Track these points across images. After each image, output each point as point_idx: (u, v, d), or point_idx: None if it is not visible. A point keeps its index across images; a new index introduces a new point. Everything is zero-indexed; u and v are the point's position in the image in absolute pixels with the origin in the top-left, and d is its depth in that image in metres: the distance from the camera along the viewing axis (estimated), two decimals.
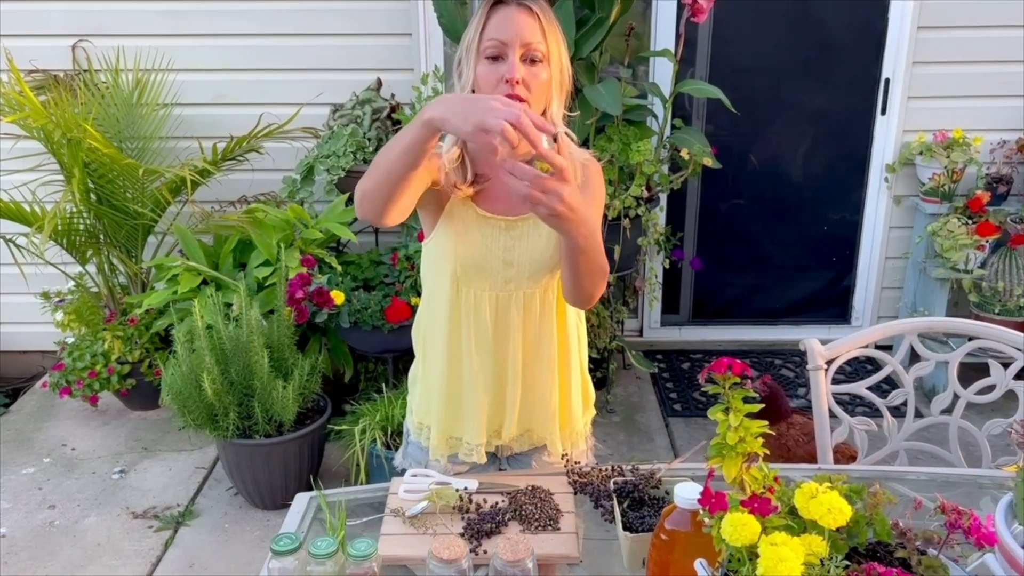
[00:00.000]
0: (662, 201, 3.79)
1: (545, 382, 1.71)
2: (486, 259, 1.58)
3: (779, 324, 4.22)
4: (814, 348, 1.93)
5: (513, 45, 1.47)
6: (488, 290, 1.60)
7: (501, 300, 1.61)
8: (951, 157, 3.59)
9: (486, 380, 1.68)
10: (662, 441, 3.42)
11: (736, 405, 1.12)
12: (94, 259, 3.49)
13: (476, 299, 1.61)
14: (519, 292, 1.61)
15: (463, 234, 1.58)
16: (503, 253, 1.58)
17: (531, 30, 1.47)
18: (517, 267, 1.59)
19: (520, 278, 1.60)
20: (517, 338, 1.64)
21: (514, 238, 1.58)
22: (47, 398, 3.67)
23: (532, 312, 1.63)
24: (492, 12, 1.48)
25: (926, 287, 3.77)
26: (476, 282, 1.60)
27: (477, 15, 1.52)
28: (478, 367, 1.66)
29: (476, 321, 1.63)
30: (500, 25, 1.47)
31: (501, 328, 1.63)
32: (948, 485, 1.73)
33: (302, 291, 2.93)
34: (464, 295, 1.61)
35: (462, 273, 1.60)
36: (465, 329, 1.64)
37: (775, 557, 0.98)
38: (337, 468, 3.11)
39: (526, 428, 1.76)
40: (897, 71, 3.77)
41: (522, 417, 1.73)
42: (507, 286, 1.61)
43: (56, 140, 3.13)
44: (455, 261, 1.59)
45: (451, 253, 1.58)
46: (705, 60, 3.84)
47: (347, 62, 3.59)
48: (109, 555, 2.78)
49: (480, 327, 1.63)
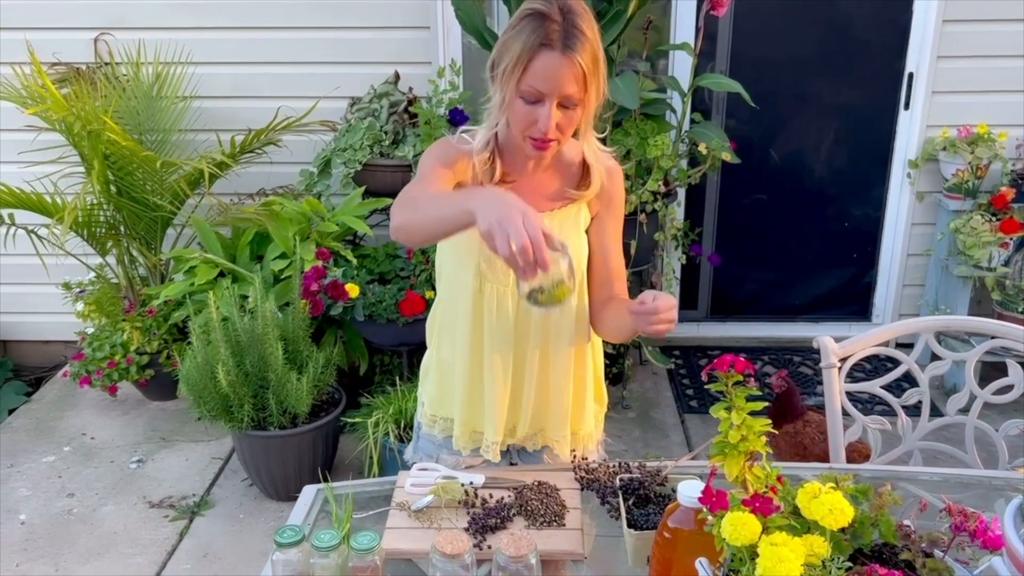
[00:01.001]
0: (680, 196, 3.76)
1: (560, 383, 1.72)
2: None
3: (798, 321, 4.19)
4: (827, 346, 1.91)
5: (552, 96, 1.45)
6: (511, 287, 1.61)
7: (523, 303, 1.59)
8: (975, 153, 3.53)
9: (505, 376, 1.68)
10: (677, 437, 3.40)
11: (739, 403, 1.11)
12: (114, 250, 3.52)
13: (500, 295, 1.62)
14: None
15: None
16: None
17: (573, 82, 1.43)
18: None
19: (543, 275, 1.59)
20: (537, 336, 1.66)
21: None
22: (68, 387, 3.71)
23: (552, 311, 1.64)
24: (537, 53, 1.42)
25: (948, 285, 3.71)
26: (500, 278, 1.61)
27: (518, 37, 1.43)
28: (499, 364, 1.67)
29: (499, 317, 1.63)
30: (543, 75, 1.42)
31: (522, 325, 1.65)
32: (962, 486, 1.70)
33: (317, 284, 2.94)
34: (487, 291, 1.62)
35: (487, 268, 1.60)
36: (487, 325, 1.64)
37: (775, 557, 0.97)
38: (351, 460, 3.12)
39: (539, 428, 1.77)
40: (921, 65, 3.72)
41: (536, 417, 1.75)
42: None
43: (76, 132, 3.16)
44: (480, 255, 1.59)
45: (476, 248, 1.58)
46: (725, 54, 3.81)
47: (365, 55, 3.60)
48: (125, 544, 2.81)
49: (502, 323, 1.64)
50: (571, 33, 1.41)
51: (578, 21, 1.43)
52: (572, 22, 1.42)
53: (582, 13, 1.45)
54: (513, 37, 1.44)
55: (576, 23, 1.42)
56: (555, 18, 1.41)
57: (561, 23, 1.41)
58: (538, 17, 1.42)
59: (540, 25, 1.42)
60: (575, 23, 1.42)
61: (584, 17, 1.45)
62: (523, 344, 1.67)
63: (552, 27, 1.41)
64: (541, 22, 1.42)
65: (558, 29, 1.41)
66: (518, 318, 1.64)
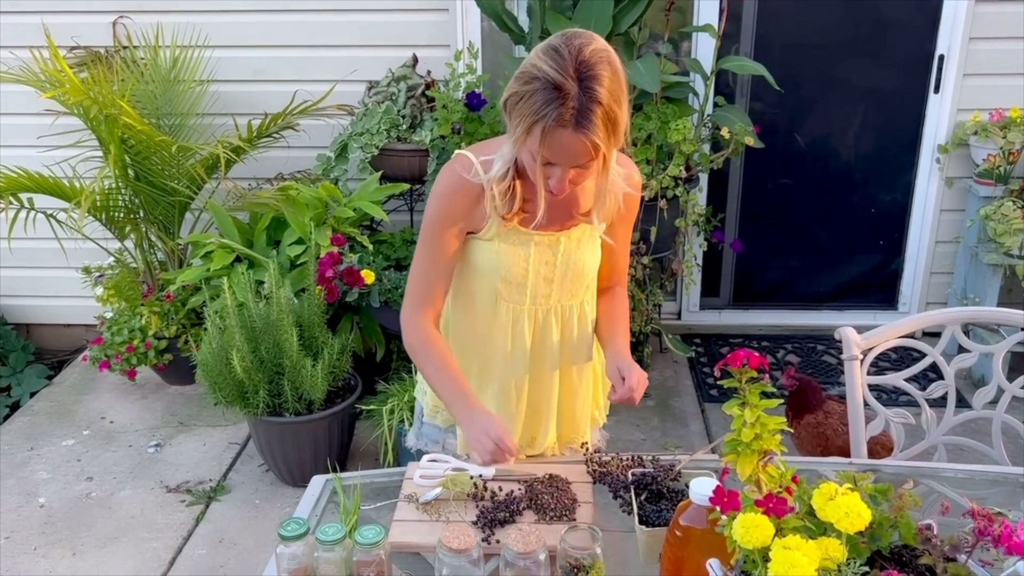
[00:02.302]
0: (702, 181, 3.70)
1: (583, 393, 1.77)
2: (526, 275, 1.59)
3: (823, 309, 4.11)
4: (849, 337, 1.86)
5: (566, 165, 1.41)
6: (527, 307, 1.63)
7: (540, 316, 1.65)
8: (1007, 137, 3.43)
9: (519, 396, 1.71)
10: (697, 427, 3.36)
11: (752, 400, 1.06)
12: (132, 235, 3.52)
13: (516, 315, 1.64)
14: (558, 306, 1.65)
15: (505, 253, 1.58)
16: (544, 270, 1.60)
17: (586, 154, 1.38)
18: (558, 282, 1.62)
19: (560, 293, 1.64)
20: (556, 352, 1.68)
21: (554, 253, 1.60)
22: (88, 371, 3.73)
23: (569, 327, 1.68)
24: (549, 130, 1.35)
25: (977, 273, 3.62)
26: (517, 298, 1.62)
27: (530, 103, 1.35)
28: (513, 385, 1.69)
29: (515, 335, 1.65)
30: (556, 149, 1.37)
31: (538, 343, 1.67)
32: (988, 483, 1.65)
33: (332, 270, 2.92)
34: (503, 311, 1.64)
35: (504, 289, 1.61)
36: (501, 343, 1.66)
37: (787, 562, 0.93)
38: (367, 447, 3.11)
39: (562, 435, 1.79)
40: (952, 47, 3.61)
41: (560, 427, 1.78)
42: (547, 302, 1.63)
43: (93, 116, 3.16)
44: (497, 277, 1.60)
45: (493, 270, 1.59)
46: (750, 36, 3.72)
47: (383, 38, 3.56)
48: (142, 528, 2.82)
49: (518, 341, 1.66)
50: (585, 109, 1.33)
51: (594, 88, 1.33)
52: (588, 91, 1.32)
53: (597, 66, 1.34)
54: (526, 101, 1.35)
55: (592, 92, 1.33)
56: (569, 91, 1.32)
57: (576, 96, 1.32)
58: (552, 90, 1.33)
59: (554, 100, 1.32)
60: (591, 91, 1.33)
61: (600, 74, 1.34)
62: (540, 361, 1.69)
63: (566, 105, 1.32)
64: (555, 97, 1.32)
65: (573, 107, 1.33)
66: (535, 337, 1.66)
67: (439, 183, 1.56)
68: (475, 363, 1.70)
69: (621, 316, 1.74)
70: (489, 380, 1.71)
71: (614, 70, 1.36)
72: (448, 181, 1.55)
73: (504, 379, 1.69)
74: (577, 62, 1.33)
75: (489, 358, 1.69)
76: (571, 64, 1.33)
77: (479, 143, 1.62)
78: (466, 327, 1.69)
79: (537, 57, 1.36)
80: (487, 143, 1.59)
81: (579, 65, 1.33)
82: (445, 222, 1.56)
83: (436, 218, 1.57)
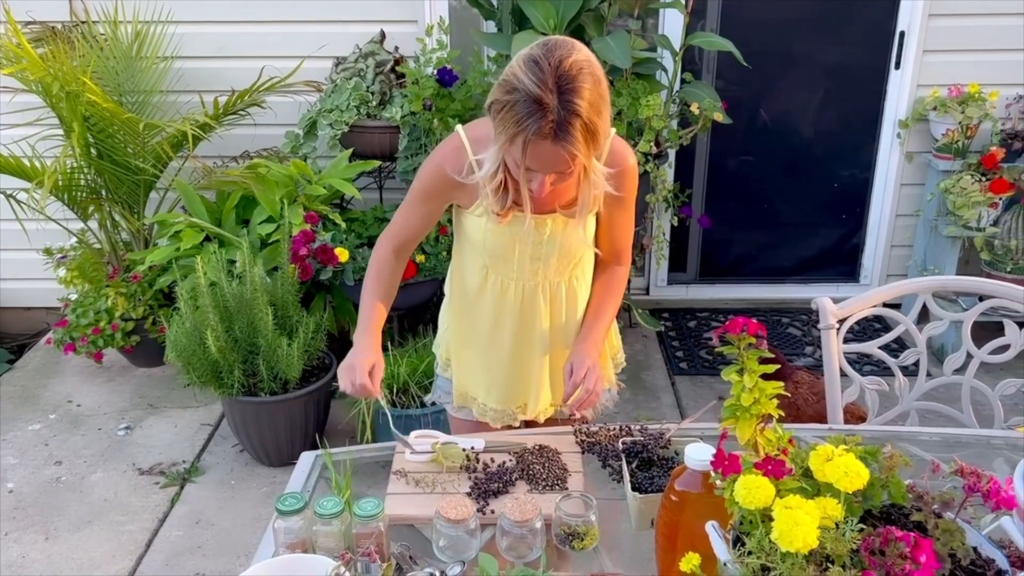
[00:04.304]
0: (671, 157, 3.73)
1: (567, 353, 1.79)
2: (512, 252, 1.65)
3: (787, 282, 4.19)
4: (826, 307, 1.90)
5: (546, 172, 1.45)
6: (515, 280, 1.69)
7: (527, 290, 1.70)
8: (966, 112, 3.52)
9: (504, 357, 1.76)
10: (668, 399, 3.41)
11: (751, 366, 1.09)
12: (96, 215, 3.45)
13: (503, 285, 1.70)
14: (545, 282, 1.70)
15: (491, 231, 1.63)
16: (531, 249, 1.65)
17: (567, 162, 1.42)
18: (544, 261, 1.67)
19: (547, 270, 1.68)
20: (544, 324, 1.74)
21: (541, 235, 1.63)
22: (52, 355, 3.66)
23: (558, 301, 1.73)
24: (530, 142, 1.39)
25: (937, 245, 3.72)
26: (504, 271, 1.68)
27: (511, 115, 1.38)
28: (505, 345, 1.75)
29: (503, 304, 1.72)
30: (537, 158, 1.42)
31: (527, 313, 1.72)
32: (960, 445, 1.71)
33: (306, 248, 2.90)
34: (492, 280, 1.70)
35: (491, 262, 1.68)
36: (492, 309, 1.73)
37: (790, 521, 0.96)
38: (343, 426, 3.10)
39: (556, 401, 1.83)
40: (913, 24, 3.68)
41: (554, 394, 1.82)
42: (534, 277, 1.69)
43: (55, 93, 3.08)
44: (484, 251, 1.67)
45: (480, 244, 1.66)
46: (716, 12, 3.75)
47: (350, 14, 3.51)
48: (116, 511, 2.79)
49: (506, 309, 1.72)
50: (564, 122, 1.36)
51: (573, 101, 1.36)
52: (567, 104, 1.36)
53: (577, 78, 1.37)
54: (508, 111, 1.38)
55: (571, 105, 1.36)
56: (549, 104, 1.35)
57: (556, 110, 1.35)
58: (532, 104, 1.36)
59: (534, 113, 1.36)
60: (570, 105, 1.36)
61: (579, 86, 1.37)
62: (529, 331, 1.74)
63: (546, 119, 1.36)
64: (535, 110, 1.36)
65: (552, 120, 1.36)
66: (523, 308, 1.72)
67: (432, 161, 1.62)
68: (465, 322, 1.78)
69: (611, 299, 1.77)
70: (475, 342, 1.78)
71: (594, 80, 1.39)
72: (433, 171, 1.61)
73: (489, 345, 1.76)
74: (557, 75, 1.36)
75: (477, 320, 1.76)
76: (551, 77, 1.36)
77: (475, 124, 1.62)
78: (460, 288, 1.77)
79: (519, 67, 1.39)
80: (482, 125, 1.57)
81: (559, 78, 1.36)
82: (427, 195, 1.65)
83: (420, 189, 1.66)
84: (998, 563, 1.04)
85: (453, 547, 1.35)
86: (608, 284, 1.77)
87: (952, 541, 1.04)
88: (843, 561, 0.98)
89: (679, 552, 1.21)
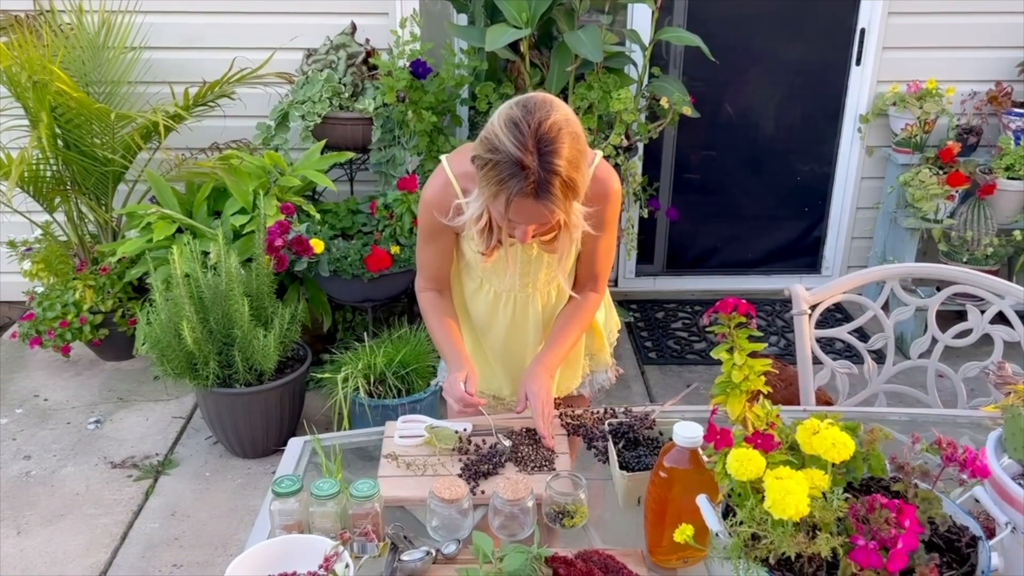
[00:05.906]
0: (640, 150, 3.79)
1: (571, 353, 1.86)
2: (503, 273, 1.74)
3: (751, 274, 4.28)
4: (799, 294, 1.96)
5: (528, 225, 1.52)
6: (507, 290, 1.78)
7: (519, 299, 1.79)
8: (924, 108, 3.62)
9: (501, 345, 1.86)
10: (638, 388, 3.47)
11: (741, 344, 1.14)
12: (62, 207, 3.41)
13: (496, 295, 1.79)
14: (535, 293, 1.79)
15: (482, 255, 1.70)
16: (520, 268, 1.73)
17: (545, 218, 1.49)
18: (533, 276, 1.76)
19: (536, 282, 1.77)
20: (538, 325, 1.82)
21: (529, 257, 1.71)
22: (17, 348, 3.60)
23: (548, 303, 1.82)
24: (513, 200, 1.44)
25: (896, 237, 3.83)
26: (497, 283, 1.77)
27: (494, 175, 1.43)
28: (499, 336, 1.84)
29: (495, 306, 1.81)
30: (519, 213, 1.47)
31: (520, 314, 1.81)
32: (928, 425, 1.78)
33: (281, 239, 2.90)
34: (486, 289, 1.80)
35: (484, 275, 1.77)
36: (487, 309, 1.82)
37: (782, 490, 1.01)
38: (319, 417, 3.11)
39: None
40: (873, 21, 3.78)
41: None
42: (524, 289, 1.78)
43: (21, 83, 3.03)
44: (481, 271, 1.76)
45: (474, 263, 1.75)
46: (683, 8, 3.82)
47: (321, 6, 3.51)
48: (89, 504, 2.77)
49: (499, 309, 1.81)
50: (544, 182, 1.41)
51: (553, 161, 1.40)
52: (546, 165, 1.40)
53: (556, 140, 1.41)
54: (491, 169, 1.43)
55: (550, 165, 1.40)
56: (530, 166, 1.40)
57: (536, 171, 1.40)
58: (514, 165, 1.40)
59: (516, 174, 1.40)
60: (549, 165, 1.40)
61: (558, 148, 1.41)
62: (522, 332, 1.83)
63: (528, 180, 1.40)
64: (517, 171, 1.40)
65: (533, 181, 1.41)
66: (515, 314, 1.80)
67: (423, 201, 1.69)
68: (461, 312, 1.86)
69: (575, 327, 1.78)
70: (470, 333, 1.87)
71: (572, 137, 1.44)
72: (425, 212, 1.69)
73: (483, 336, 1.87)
74: (537, 137, 1.41)
75: (472, 314, 1.86)
76: (531, 140, 1.41)
77: (460, 153, 1.66)
78: (457, 287, 1.85)
79: (500, 128, 1.43)
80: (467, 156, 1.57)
81: (539, 141, 1.41)
82: (429, 235, 1.74)
83: (422, 229, 1.74)
84: (972, 530, 1.10)
85: (447, 527, 1.38)
86: (576, 311, 1.78)
87: (931, 509, 1.10)
88: (831, 529, 1.03)
89: (668, 526, 1.25)
